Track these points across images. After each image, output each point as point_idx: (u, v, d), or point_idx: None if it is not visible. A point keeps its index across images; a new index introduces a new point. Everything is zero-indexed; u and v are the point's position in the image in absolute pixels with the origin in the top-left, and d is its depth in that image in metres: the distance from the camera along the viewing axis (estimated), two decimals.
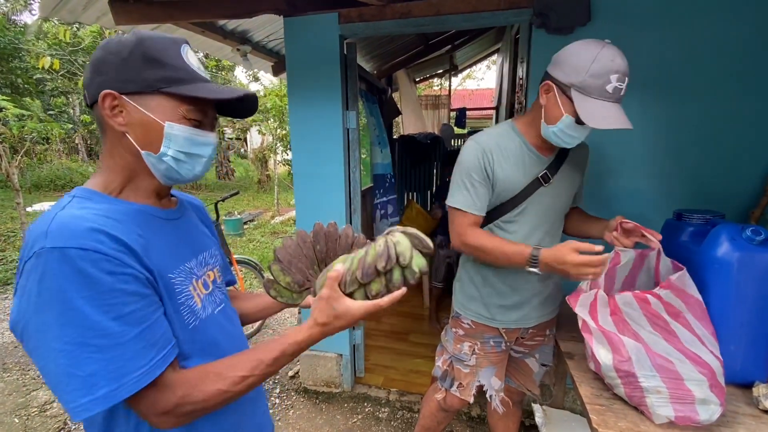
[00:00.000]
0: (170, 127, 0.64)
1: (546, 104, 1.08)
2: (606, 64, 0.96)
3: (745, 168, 1.55)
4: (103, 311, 0.53)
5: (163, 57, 0.63)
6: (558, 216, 1.27)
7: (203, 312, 0.70)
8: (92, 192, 0.64)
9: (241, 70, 13.23)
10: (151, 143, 0.65)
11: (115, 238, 0.56)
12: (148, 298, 0.59)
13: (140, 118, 0.63)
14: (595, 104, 0.98)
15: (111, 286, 0.54)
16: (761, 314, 1.01)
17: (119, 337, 0.54)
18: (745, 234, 1.01)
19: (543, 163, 1.19)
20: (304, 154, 2.09)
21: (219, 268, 0.82)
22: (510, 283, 1.26)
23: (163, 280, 0.63)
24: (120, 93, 0.62)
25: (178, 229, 0.73)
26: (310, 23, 1.91)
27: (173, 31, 2.26)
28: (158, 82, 0.63)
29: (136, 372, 0.55)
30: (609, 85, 0.97)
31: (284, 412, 2.23)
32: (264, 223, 6.92)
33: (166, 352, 0.59)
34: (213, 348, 0.70)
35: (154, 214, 0.68)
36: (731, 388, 1.05)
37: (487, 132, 1.22)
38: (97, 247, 0.54)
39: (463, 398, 1.37)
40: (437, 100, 7.27)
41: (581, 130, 1.05)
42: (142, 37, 0.63)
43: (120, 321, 0.54)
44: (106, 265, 0.54)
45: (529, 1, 1.62)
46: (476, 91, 13.68)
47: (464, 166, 1.18)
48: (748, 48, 1.48)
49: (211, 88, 0.66)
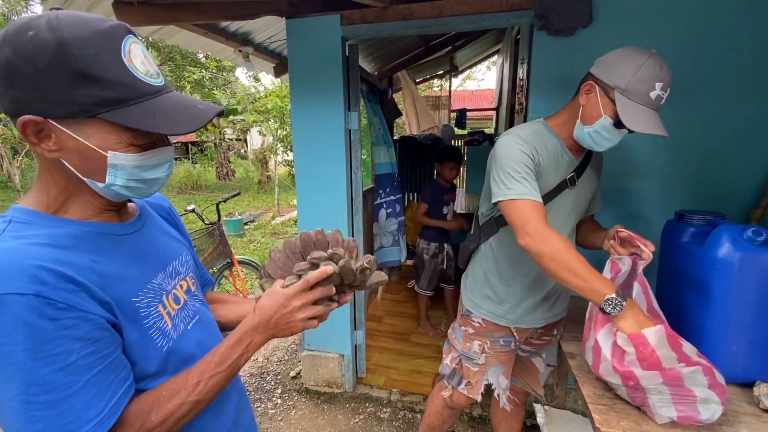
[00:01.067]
0: (115, 158, 0.54)
1: (585, 104, 1.08)
2: (653, 71, 0.98)
3: (746, 169, 1.56)
4: (47, 363, 0.47)
5: (97, 68, 0.49)
6: (577, 218, 1.27)
7: (175, 331, 0.65)
8: (31, 213, 0.55)
9: (242, 70, 13.25)
10: (94, 172, 0.55)
11: (60, 274, 0.49)
12: (100, 342, 0.52)
13: (75, 145, 0.52)
14: (637, 108, 0.99)
15: (55, 333, 0.48)
16: (762, 314, 1.01)
17: (67, 388, 0.48)
18: (746, 234, 1.01)
19: (573, 165, 1.19)
20: (305, 154, 2.10)
21: (192, 275, 0.75)
22: (528, 283, 1.26)
23: (125, 308, 0.57)
24: (45, 118, 0.50)
25: (140, 243, 0.65)
26: (313, 25, 1.92)
27: (176, 33, 2.28)
28: (94, 107, 0.50)
29: (89, 424, 0.49)
30: (653, 92, 0.98)
31: (286, 413, 2.23)
32: (265, 224, 6.93)
33: (121, 393, 0.53)
34: (190, 362, 0.65)
35: (109, 232, 0.60)
36: (733, 388, 1.06)
37: (524, 129, 1.17)
38: (38, 291, 0.47)
39: (471, 396, 1.38)
40: (437, 101, 7.29)
41: (616, 133, 1.04)
42: (64, 38, 0.48)
43: (66, 371, 0.49)
44: (48, 311, 0.47)
45: (530, 3, 1.63)
46: (476, 92, 13.70)
47: (513, 157, 1.09)
48: (749, 49, 1.49)
49: (163, 109, 0.54)
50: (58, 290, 0.49)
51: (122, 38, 0.52)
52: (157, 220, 0.74)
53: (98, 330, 0.52)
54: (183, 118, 0.54)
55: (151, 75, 0.55)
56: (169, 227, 0.77)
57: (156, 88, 0.55)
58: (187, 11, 1.73)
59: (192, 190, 10.50)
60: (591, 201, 1.30)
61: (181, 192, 10.14)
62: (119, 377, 0.54)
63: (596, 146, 1.10)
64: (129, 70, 0.52)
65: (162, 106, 0.54)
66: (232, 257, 3.10)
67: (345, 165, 2.04)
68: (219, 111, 0.59)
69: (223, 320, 0.83)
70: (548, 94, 1.66)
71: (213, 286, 0.88)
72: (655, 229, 1.34)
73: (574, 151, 1.19)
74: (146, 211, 0.72)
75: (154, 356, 0.60)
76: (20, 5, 9.54)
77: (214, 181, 11.66)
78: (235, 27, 2.33)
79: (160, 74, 0.57)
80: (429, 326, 2.99)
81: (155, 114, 0.53)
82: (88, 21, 0.51)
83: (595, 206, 1.35)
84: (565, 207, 1.21)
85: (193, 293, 0.74)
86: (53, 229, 0.54)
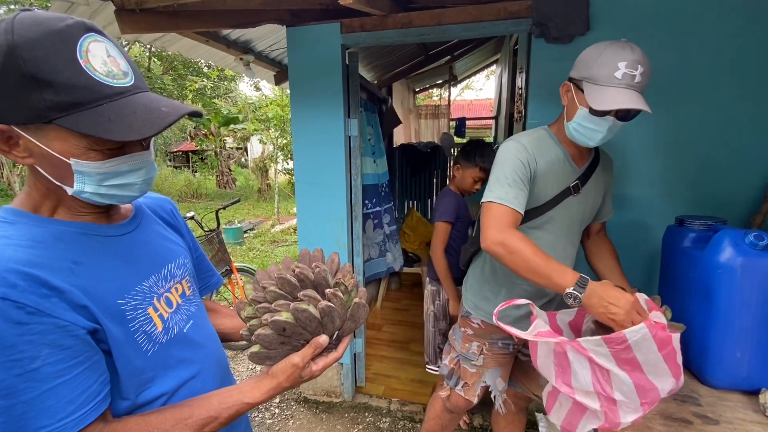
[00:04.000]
0: (77, 165, 0.52)
1: (567, 104, 1.12)
2: (613, 52, 0.99)
3: (746, 174, 1.56)
4: (6, 368, 0.46)
5: (48, 71, 0.47)
6: (581, 226, 1.27)
7: (165, 335, 0.63)
8: (18, 213, 0.55)
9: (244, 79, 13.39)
10: (65, 177, 0.53)
11: (32, 278, 0.48)
12: (70, 350, 0.50)
13: (41, 152, 0.51)
14: (602, 90, 1.00)
15: (20, 338, 0.47)
16: (766, 319, 1.00)
17: (21, 394, 0.47)
18: (748, 239, 1.01)
19: (576, 173, 1.19)
20: (306, 161, 2.10)
21: (189, 278, 0.74)
22: (527, 288, 1.26)
23: (108, 310, 0.55)
24: (7, 125, 0.49)
25: (132, 245, 0.64)
26: (313, 33, 1.94)
27: (178, 41, 2.30)
28: (48, 111, 0.48)
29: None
30: (617, 71, 0.98)
31: (284, 423, 2.20)
32: (264, 232, 6.92)
33: (86, 411, 0.51)
34: (181, 365, 0.65)
35: (96, 232, 0.59)
36: (738, 395, 1.05)
37: (527, 135, 1.19)
38: (6, 294, 0.46)
39: (467, 398, 1.37)
40: (437, 110, 7.35)
41: (597, 121, 1.04)
42: (16, 42, 0.46)
43: (26, 377, 0.47)
44: (15, 314, 0.46)
45: (528, 11, 1.65)
46: (475, 101, 13.82)
47: (508, 163, 1.13)
48: (746, 54, 1.50)
49: (121, 113, 0.50)
50: (28, 294, 0.48)
51: (79, 37, 0.49)
52: (153, 222, 0.72)
53: (69, 337, 0.50)
54: (140, 123, 0.51)
55: (114, 75, 0.51)
56: (168, 230, 0.76)
57: (118, 90, 0.51)
58: (189, 19, 1.74)
59: (192, 198, 10.52)
60: (600, 208, 1.30)
61: (181, 200, 10.16)
62: (89, 390, 0.52)
63: (587, 140, 1.09)
64: (85, 71, 0.49)
65: (120, 110, 0.51)
66: (231, 265, 3.08)
67: (345, 171, 2.05)
68: (187, 111, 0.55)
69: (222, 329, 0.83)
70: (547, 101, 1.67)
71: (216, 288, 0.88)
72: (655, 235, 1.34)
73: (577, 158, 1.19)
74: (143, 212, 0.71)
75: (138, 362, 0.59)
76: None
77: (215, 189, 11.68)
78: (237, 35, 2.36)
79: (129, 73, 0.54)
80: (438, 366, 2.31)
81: (110, 119, 0.49)
82: (44, 21, 0.48)
83: (606, 213, 1.34)
84: (568, 214, 1.20)
85: (188, 297, 0.73)
86: (37, 228, 0.54)
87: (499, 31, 1.77)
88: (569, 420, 0.96)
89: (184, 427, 0.56)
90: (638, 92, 0.99)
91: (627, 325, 0.88)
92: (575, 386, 0.90)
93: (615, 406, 0.87)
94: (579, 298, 0.94)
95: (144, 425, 0.55)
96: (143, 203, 0.73)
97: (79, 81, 0.48)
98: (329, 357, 0.65)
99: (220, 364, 0.75)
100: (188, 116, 0.57)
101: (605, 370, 0.85)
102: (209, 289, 0.87)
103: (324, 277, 0.64)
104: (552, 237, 1.21)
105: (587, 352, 0.85)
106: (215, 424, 0.59)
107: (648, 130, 1.62)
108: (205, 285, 0.86)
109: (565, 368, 0.91)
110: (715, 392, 1.06)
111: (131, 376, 0.58)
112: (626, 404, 0.86)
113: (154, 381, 0.61)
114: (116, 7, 1.59)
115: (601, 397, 0.88)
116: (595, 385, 0.88)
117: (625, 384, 0.85)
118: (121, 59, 0.54)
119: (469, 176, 1.85)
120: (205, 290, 0.86)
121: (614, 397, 0.86)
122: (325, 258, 0.71)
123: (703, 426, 0.94)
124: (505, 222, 1.07)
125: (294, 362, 0.60)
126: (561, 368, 0.93)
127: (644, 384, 0.85)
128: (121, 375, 0.57)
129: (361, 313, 0.66)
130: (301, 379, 0.62)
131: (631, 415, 0.86)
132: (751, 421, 0.95)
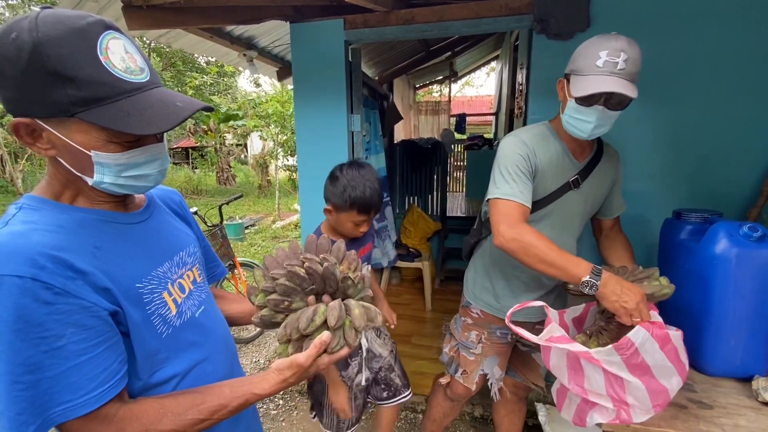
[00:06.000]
0: (97, 156, 0.55)
1: (561, 99, 1.15)
2: (596, 43, 1.03)
3: (742, 169, 1.59)
4: (34, 344, 0.49)
5: (72, 67, 0.49)
6: (583, 221, 1.29)
7: (178, 319, 0.66)
8: (42, 201, 0.58)
9: (243, 75, 13.35)
10: (86, 169, 0.56)
11: (59, 260, 0.51)
12: (93, 329, 0.53)
13: (63, 144, 0.54)
14: (585, 79, 1.04)
15: (47, 317, 0.49)
16: (759, 309, 1.03)
17: (48, 370, 0.50)
18: (743, 231, 1.04)
19: (576, 167, 1.21)
20: (309, 156, 2.13)
21: (199, 266, 0.77)
22: (526, 279, 1.28)
23: (127, 293, 0.58)
24: (32, 118, 0.52)
25: (146, 232, 0.67)
26: (316, 29, 1.96)
27: (182, 36, 2.32)
28: (71, 106, 0.51)
29: (60, 406, 0.51)
30: (598, 60, 1.01)
31: (288, 413, 2.23)
32: (265, 228, 6.94)
33: (106, 388, 0.54)
34: (193, 347, 0.68)
35: (114, 220, 0.62)
36: (732, 382, 1.08)
37: (527, 130, 1.22)
38: (35, 275, 0.49)
39: (466, 385, 1.40)
40: (437, 106, 7.36)
41: (586, 111, 1.06)
42: (40, 39, 0.48)
43: (51, 354, 0.50)
44: (43, 295, 0.49)
45: (529, 8, 1.67)
46: (475, 97, 13.81)
47: (509, 158, 1.15)
48: (744, 51, 1.52)
49: (139, 107, 0.53)
50: (56, 275, 0.50)
51: (99, 35, 0.51)
52: (165, 213, 0.75)
53: (92, 318, 0.53)
54: (157, 117, 0.54)
55: (132, 71, 0.54)
56: (177, 220, 0.79)
57: (136, 85, 0.54)
58: (194, 15, 1.76)
59: (192, 194, 10.53)
60: (607, 202, 1.31)
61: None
62: (110, 369, 0.55)
63: (579, 132, 1.11)
64: (105, 67, 0.51)
65: (138, 105, 0.53)
66: (234, 259, 3.11)
67: None
68: (201, 107, 0.58)
69: (230, 314, 0.86)
70: (547, 97, 1.69)
71: (222, 278, 0.90)
72: (653, 228, 1.36)
73: (578, 153, 1.21)
74: (154, 203, 0.73)
75: (153, 343, 0.62)
76: (24, 11, 9.65)
77: (215, 185, 11.68)
78: (240, 31, 2.38)
79: (145, 69, 0.56)
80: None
81: (129, 113, 0.52)
82: (66, 19, 0.50)
83: (618, 207, 1.34)
84: (568, 208, 1.23)
85: (199, 284, 0.76)
86: (60, 215, 0.57)
87: (501, 27, 1.79)
88: (579, 415, 0.99)
89: (197, 412, 0.59)
90: (624, 79, 1.00)
91: (635, 315, 0.92)
92: (588, 388, 0.93)
93: (627, 407, 0.90)
94: (596, 286, 0.97)
95: (159, 407, 0.58)
96: (154, 194, 0.76)
97: (100, 77, 0.51)
98: (338, 353, 0.67)
99: (228, 348, 0.78)
100: (201, 111, 0.59)
101: (619, 378, 0.88)
102: (214, 279, 0.89)
103: (332, 272, 0.67)
104: (551, 231, 1.23)
105: (600, 363, 0.88)
106: (225, 411, 0.61)
107: (647, 125, 1.64)
108: (211, 275, 0.89)
109: (578, 371, 0.94)
110: (709, 379, 1.10)
111: (146, 357, 0.61)
112: (638, 407, 0.90)
113: (167, 362, 0.64)
114: (123, 3, 1.61)
115: (614, 399, 0.91)
116: (608, 389, 0.91)
117: (638, 389, 0.88)
118: (137, 55, 0.56)
119: (346, 220, 1.21)
120: (211, 280, 0.88)
121: (627, 401, 0.89)
122: (330, 246, 0.73)
123: (697, 411, 0.97)
124: (515, 217, 1.09)
125: (299, 362, 0.63)
126: (573, 371, 0.95)
127: (656, 387, 0.89)
128: (137, 356, 0.60)
129: (372, 315, 0.68)
130: (307, 374, 0.65)
131: (642, 416, 0.90)
132: (744, 406, 0.98)
